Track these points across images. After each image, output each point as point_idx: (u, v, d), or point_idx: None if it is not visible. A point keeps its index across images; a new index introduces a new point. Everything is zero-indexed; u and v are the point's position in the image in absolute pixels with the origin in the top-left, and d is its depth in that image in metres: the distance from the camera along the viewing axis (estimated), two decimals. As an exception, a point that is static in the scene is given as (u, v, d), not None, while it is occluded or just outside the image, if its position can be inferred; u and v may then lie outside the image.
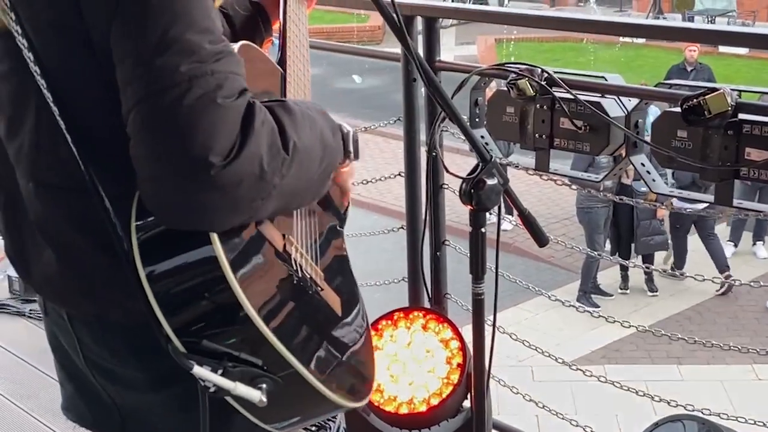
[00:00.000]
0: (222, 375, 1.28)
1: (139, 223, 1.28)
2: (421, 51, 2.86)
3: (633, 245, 9.10)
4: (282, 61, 1.63)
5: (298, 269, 1.43)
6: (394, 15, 1.63)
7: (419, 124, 2.99)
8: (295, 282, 1.41)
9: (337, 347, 1.52)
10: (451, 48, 20.32)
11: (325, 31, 20.35)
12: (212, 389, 1.29)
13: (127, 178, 1.24)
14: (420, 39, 2.89)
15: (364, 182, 3.33)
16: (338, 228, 1.70)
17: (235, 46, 1.41)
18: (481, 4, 25.23)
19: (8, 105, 1.39)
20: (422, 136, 2.98)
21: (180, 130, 1.19)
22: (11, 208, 1.47)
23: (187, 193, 1.20)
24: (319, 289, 1.49)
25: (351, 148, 1.54)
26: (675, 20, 22.22)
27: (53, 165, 1.36)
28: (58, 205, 1.38)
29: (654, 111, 2.41)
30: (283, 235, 1.42)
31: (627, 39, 21.03)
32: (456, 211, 2.78)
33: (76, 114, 1.31)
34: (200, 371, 1.27)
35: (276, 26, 1.83)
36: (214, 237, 1.24)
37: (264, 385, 1.30)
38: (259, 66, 1.52)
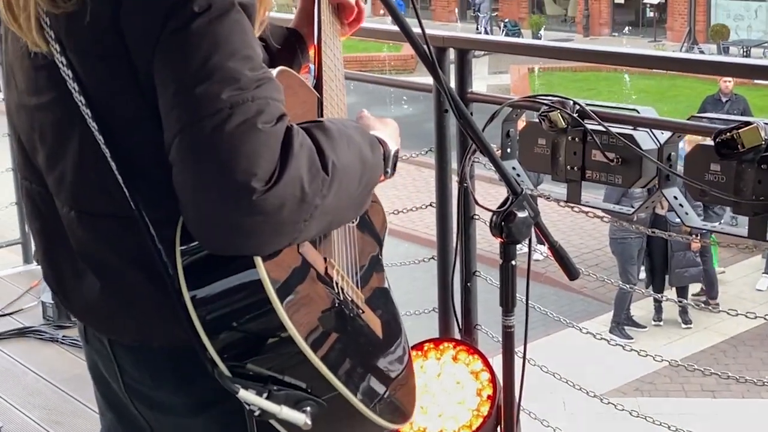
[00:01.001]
0: (267, 398, 1.28)
1: (183, 248, 1.30)
2: (452, 82, 2.87)
3: (667, 277, 9.02)
4: (318, 86, 1.65)
5: (340, 292, 1.44)
6: (426, 49, 1.64)
7: (451, 155, 2.99)
8: (337, 304, 1.43)
9: (379, 369, 1.52)
10: (484, 77, 20.36)
11: (358, 60, 20.48)
12: (257, 413, 1.29)
13: (171, 203, 1.26)
14: (452, 70, 2.91)
15: (395, 212, 3.34)
16: (378, 255, 1.71)
17: (274, 72, 1.43)
18: (514, 35, 25.31)
19: (50, 134, 1.42)
20: (454, 164, 2.98)
21: (222, 156, 1.21)
22: (50, 236, 1.49)
23: (231, 219, 1.21)
24: (360, 311, 1.50)
25: (389, 166, 1.53)
26: (710, 51, 22.16)
27: (97, 193, 1.38)
28: (102, 232, 1.40)
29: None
30: (325, 258, 1.43)
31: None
32: (488, 240, 2.77)
33: (120, 142, 1.34)
34: (246, 395, 1.28)
35: (312, 52, 1.85)
36: (258, 261, 1.26)
37: (308, 408, 1.31)
38: (297, 91, 1.54)
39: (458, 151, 2.97)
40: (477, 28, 27.05)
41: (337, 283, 1.44)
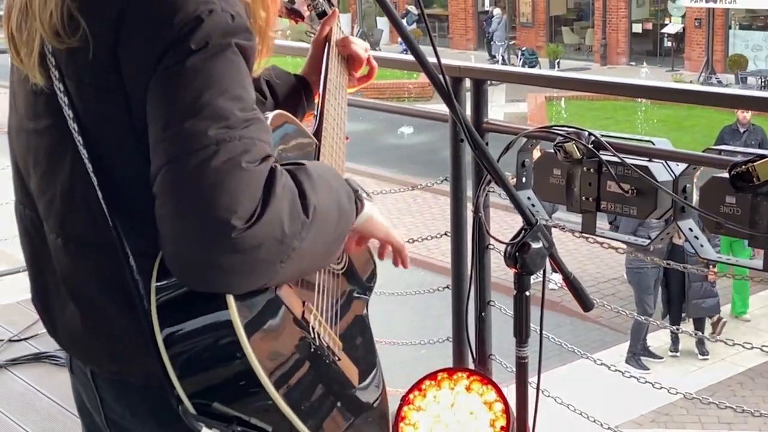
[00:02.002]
0: None
1: (159, 283, 1.31)
2: (468, 111, 2.89)
3: (684, 307, 8.96)
4: (317, 133, 1.67)
5: (316, 337, 1.44)
6: (442, 80, 1.64)
7: (466, 185, 3.00)
8: (312, 350, 1.42)
9: (350, 416, 1.51)
10: (501, 105, 20.39)
11: (375, 87, 20.56)
12: None
13: (153, 236, 1.27)
14: (468, 99, 2.92)
15: (410, 241, 3.34)
16: (362, 301, 1.70)
17: (270, 115, 1.44)
18: (531, 63, 25.37)
19: (43, 159, 1.43)
20: (469, 191, 2.99)
21: (204, 192, 1.21)
22: (39, 263, 1.51)
23: (208, 255, 1.22)
24: (336, 358, 1.49)
25: (363, 194, 1.53)
26: (727, 81, 22.13)
27: (83, 220, 1.39)
28: (85, 261, 1.41)
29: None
30: (303, 302, 1.43)
31: (678, 98, 20.96)
32: (503, 268, 2.78)
33: (108, 171, 1.35)
34: None
35: (317, 99, 1.86)
36: (231, 300, 1.26)
37: None
38: (293, 135, 1.55)
39: (473, 180, 2.98)
40: (490, 54, 27.14)
41: (313, 328, 1.43)
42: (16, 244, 1.61)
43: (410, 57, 1.73)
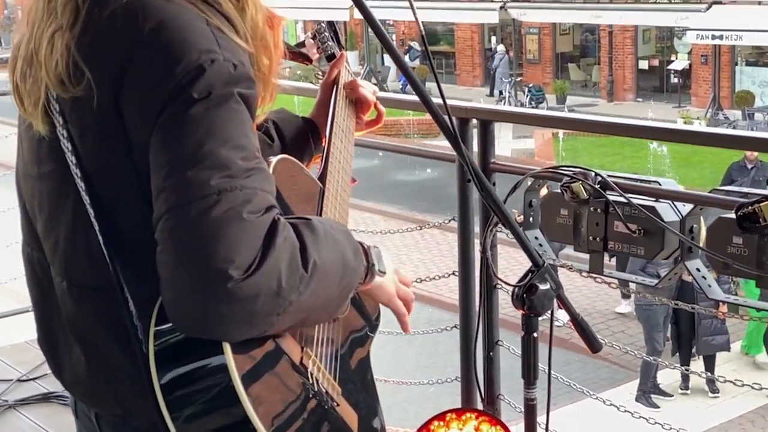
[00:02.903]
0: None
1: (158, 328, 1.32)
2: (475, 151, 2.90)
3: (694, 344, 8.91)
4: (322, 177, 1.68)
5: (314, 383, 1.44)
6: (448, 121, 1.64)
7: (474, 225, 3.01)
8: (310, 396, 1.42)
9: None
10: (509, 141, 20.44)
11: (383, 124, 20.63)
12: None
13: (154, 281, 1.28)
14: (475, 139, 2.94)
15: (419, 280, 3.35)
16: (364, 345, 1.70)
17: (274, 160, 1.46)
18: (538, 100, 25.46)
19: (47, 204, 1.46)
20: (477, 227, 2.99)
21: (204, 241, 1.23)
22: (46, 305, 1.52)
23: (205, 303, 1.23)
24: (335, 404, 1.49)
25: (375, 263, 1.53)
26: (734, 117, 22.16)
27: (85, 265, 1.41)
28: (89, 305, 1.43)
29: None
30: (302, 348, 1.43)
31: (686, 134, 20.95)
32: (511, 305, 2.77)
33: (110, 216, 1.37)
34: None
35: (325, 142, 1.88)
36: (227, 347, 1.27)
37: None
38: (298, 180, 1.57)
39: (481, 219, 2.99)
40: (491, 91, 27.25)
41: (311, 374, 1.43)
42: (25, 283, 1.62)
43: (417, 97, 1.73)
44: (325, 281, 1.34)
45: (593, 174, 2.55)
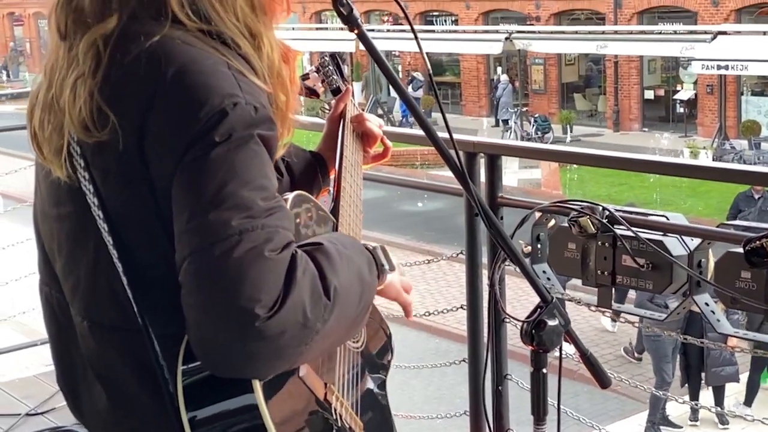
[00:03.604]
0: None
1: (185, 367, 1.33)
2: (483, 186, 2.92)
3: (703, 375, 8.87)
4: (335, 211, 1.69)
5: (338, 418, 1.46)
6: (455, 157, 1.65)
7: (481, 259, 3.02)
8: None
9: None
10: (515, 171, 20.47)
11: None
12: None
13: (178, 320, 1.30)
14: (482, 173, 2.95)
15: (427, 314, 3.35)
16: (381, 380, 1.72)
17: (290, 196, 1.47)
18: (544, 130, 25.52)
19: (66, 245, 1.47)
20: (485, 257, 3.00)
21: (228, 281, 1.24)
22: (64, 343, 1.53)
23: (233, 343, 1.24)
24: None
25: (385, 263, 1.55)
26: (741, 146, 22.15)
27: (107, 305, 1.42)
28: (111, 344, 1.43)
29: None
30: (325, 384, 1.45)
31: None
32: (519, 336, 2.77)
33: (133, 257, 1.38)
34: None
35: (333, 175, 1.89)
36: (257, 385, 1.28)
37: None
38: (312, 215, 1.58)
39: (489, 253, 2.99)
40: (496, 121, 27.33)
41: (335, 410, 1.46)
42: (34, 317, 1.63)
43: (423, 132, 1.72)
44: (347, 303, 1.37)
45: (601, 208, 2.55)
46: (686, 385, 8.93)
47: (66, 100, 1.38)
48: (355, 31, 1.62)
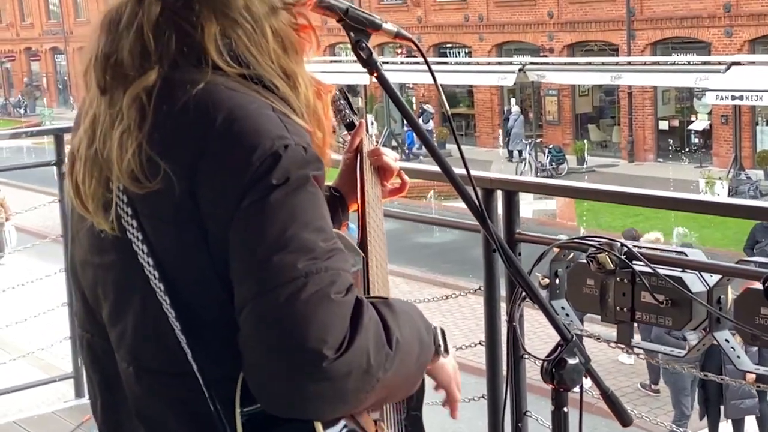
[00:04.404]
0: None
1: (244, 409, 1.34)
2: (500, 222, 2.92)
3: (722, 408, 8.78)
4: (363, 246, 1.70)
5: None
6: (473, 195, 1.66)
7: (499, 295, 3.01)
8: None
9: None
10: (530, 202, 20.43)
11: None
12: None
13: (230, 363, 1.31)
14: (499, 209, 2.96)
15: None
16: (418, 413, 1.74)
17: None
18: (558, 161, 25.52)
19: (112, 292, 1.47)
20: (503, 290, 2.99)
21: (296, 323, 1.26)
22: (110, 389, 1.53)
23: (299, 383, 1.26)
24: None
25: (441, 344, 1.57)
26: (756, 177, 22.08)
27: (156, 350, 1.42)
28: (159, 389, 1.43)
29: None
30: (375, 421, 1.47)
31: (709, 195, 20.90)
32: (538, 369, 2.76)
33: (185, 302, 1.38)
34: None
35: (352, 209, 1.90)
36: (319, 427, 1.30)
37: None
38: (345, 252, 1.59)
39: (507, 288, 2.98)
40: (509, 152, 27.34)
41: None
42: (53, 353, 1.64)
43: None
44: (407, 358, 1.39)
45: (619, 244, 2.55)
46: (705, 418, 8.85)
47: (113, 154, 1.39)
48: (375, 74, 1.64)
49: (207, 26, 1.40)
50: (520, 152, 26.95)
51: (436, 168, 1.67)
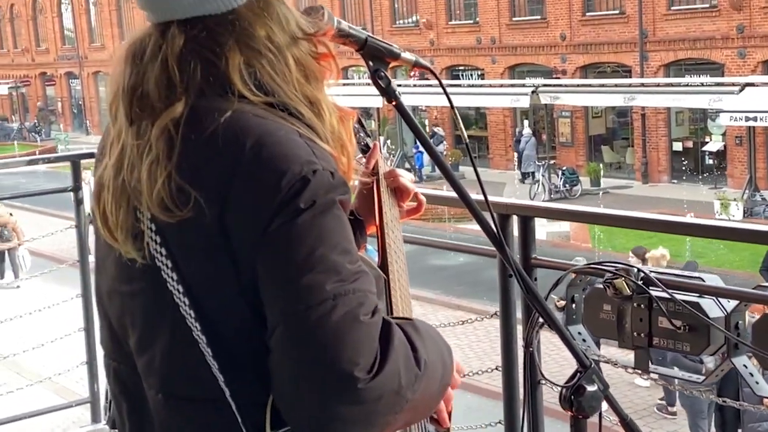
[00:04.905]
0: None
1: None
2: (516, 247, 2.91)
3: (740, 431, 8.71)
4: (384, 267, 1.72)
5: None
6: (490, 221, 1.67)
7: (516, 320, 3.01)
8: None
9: None
10: (544, 224, 20.33)
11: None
12: None
13: (259, 387, 1.33)
14: (515, 235, 2.96)
15: (462, 376, 3.33)
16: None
17: None
18: (572, 182, 25.49)
19: (140, 320, 1.48)
20: (519, 312, 2.98)
21: (327, 345, 1.28)
22: (139, 418, 1.53)
23: (330, 406, 1.27)
24: None
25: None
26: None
27: (185, 377, 1.43)
28: (188, 416, 1.44)
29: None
30: None
31: (724, 216, 20.84)
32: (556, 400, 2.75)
33: (216, 328, 1.40)
34: None
35: (370, 232, 1.91)
36: None
37: None
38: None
39: (523, 313, 2.98)
40: (522, 174, 27.34)
41: None
42: (69, 378, 1.65)
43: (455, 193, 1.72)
44: (432, 379, 1.41)
45: (636, 270, 2.55)
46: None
47: (142, 184, 1.41)
48: (393, 103, 1.66)
49: (231, 57, 1.43)
50: (532, 174, 26.94)
51: (452, 194, 1.68)
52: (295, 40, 1.48)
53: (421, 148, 29.01)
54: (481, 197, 1.80)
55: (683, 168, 25.99)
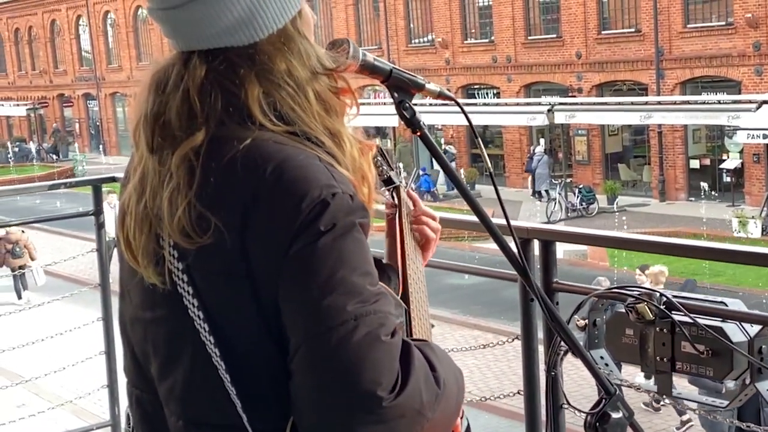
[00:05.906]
0: None
1: None
2: (537, 271, 2.92)
3: (761, 452, 8.65)
4: (405, 297, 1.72)
5: None
6: (516, 251, 1.67)
7: (537, 343, 3.00)
8: None
9: None
10: (561, 244, 20.33)
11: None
12: None
13: (277, 413, 1.34)
14: (536, 259, 2.96)
15: (483, 399, 3.33)
16: None
17: None
18: (588, 201, 25.43)
19: (162, 347, 1.50)
20: (540, 333, 2.98)
21: (349, 366, 1.29)
22: None
23: (354, 425, 1.29)
24: None
25: None
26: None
27: (205, 403, 1.45)
28: None
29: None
30: None
31: (742, 234, 20.73)
32: (577, 422, 2.74)
33: (234, 355, 1.41)
34: None
35: (394, 264, 1.92)
36: None
37: None
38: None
39: (545, 337, 2.97)
40: (533, 192, 27.29)
41: None
42: (90, 401, 1.66)
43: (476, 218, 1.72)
44: (449, 398, 1.42)
45: (658, 294, 2.55)
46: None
47: (163, 211, 1.43)
48: (418, 133, 1.68)
49: (250, 88, 1.45)
50: (547, 192, 26.90)
51: (473, 218, 1.69)
52: (316, 74, 1.50)
53: (428, 171, 29.22)
54: (502, 221, 1.81)
55: (700, 186, 25.90)
